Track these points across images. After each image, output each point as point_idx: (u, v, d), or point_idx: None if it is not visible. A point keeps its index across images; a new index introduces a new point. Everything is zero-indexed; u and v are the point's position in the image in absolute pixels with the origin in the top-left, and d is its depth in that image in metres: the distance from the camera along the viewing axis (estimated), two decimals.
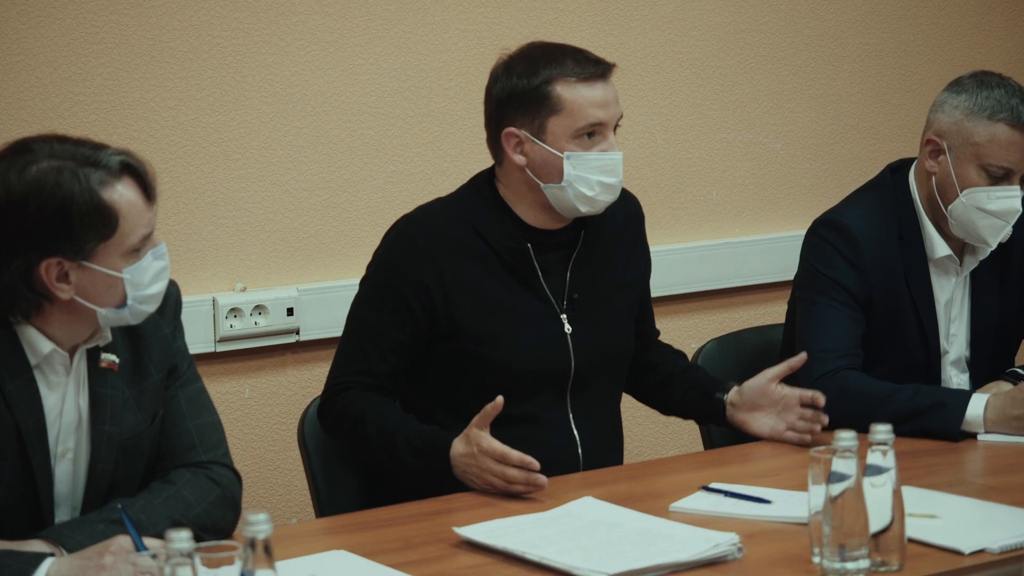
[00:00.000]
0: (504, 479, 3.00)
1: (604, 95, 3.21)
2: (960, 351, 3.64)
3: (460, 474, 3.07)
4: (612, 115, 3.23)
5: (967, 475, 3.22)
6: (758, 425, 3.34)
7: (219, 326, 3.91)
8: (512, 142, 3.23)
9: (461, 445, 3.07)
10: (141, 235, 2.64)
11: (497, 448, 3.00)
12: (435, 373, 3.27)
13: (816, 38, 4.75)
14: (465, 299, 3.22)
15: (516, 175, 3.26)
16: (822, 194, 4.64)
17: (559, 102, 3.19)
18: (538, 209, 3.27)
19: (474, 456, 3.03)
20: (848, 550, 2.49)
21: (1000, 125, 3.45)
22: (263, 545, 2.15)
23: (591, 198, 3.22)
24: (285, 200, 4.02)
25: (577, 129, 3.19)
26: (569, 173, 3.19)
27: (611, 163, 3.22)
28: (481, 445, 3.02)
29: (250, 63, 3.95)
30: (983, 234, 3.51)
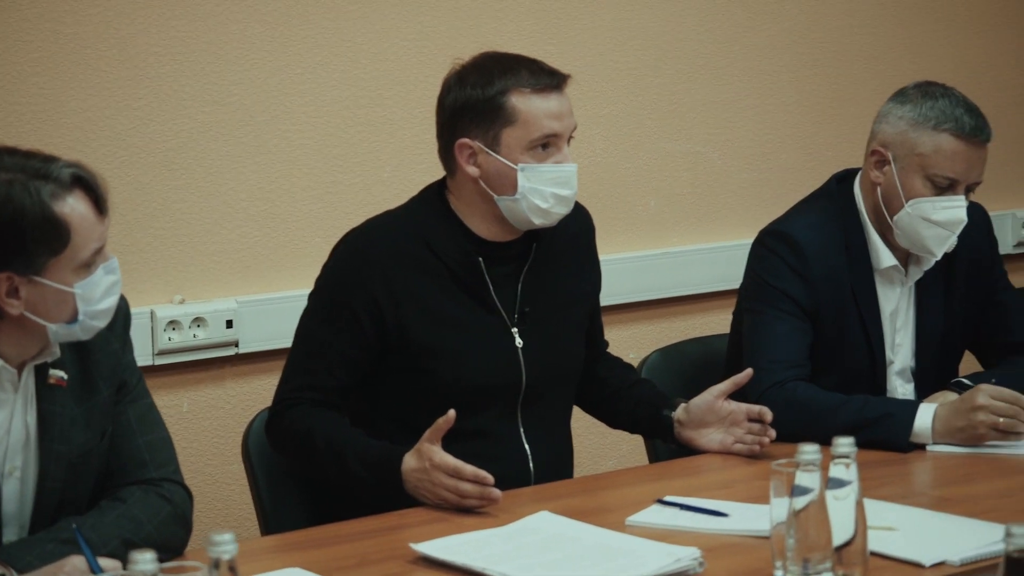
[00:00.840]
0: (458, 493, 2.97)
1: (559, 107, 3.19)
2: (905, 361, 3.65)
3: (412, 489, 3.03)
4: (567, 127, 3.21)
5: (920, 486, 3.23)
6: (706, 441, 3.33)
7: (157, 339, 3.86)
8: (465, 153, 3.20)
9: (413, 460, 3.03)
10: (93, 249, 2.59)
11: (450, 463, 2.97)
12: (385, 388, 3.23)
13: (753, 49, 4.76)
14: (416, 313, 3.19)
15: (469, 187, 3.23)
16: (760, 204, 4.65)
17: (514, 113, 3.17)
18: (491, 221, 3.25)
19: (426, 471, 3.00)
20: (812, 564, 2.48)
21: (945, 135, 3.47)
22: (228, 565, 2.11)
23: (545, 210, 3.19)
24: (224, 211, 3.97)
25: (532, 140, 3.17)
26: (523, 185, 3.17)
27: (565, 175, 3.20)
28: (433, 460, 2.99)
29: (188, 73, 3.89)
30: (928, 244, 3.52)
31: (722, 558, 2.67)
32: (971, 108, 3.51)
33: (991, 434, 3.32)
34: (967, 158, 3.49)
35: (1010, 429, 3.32)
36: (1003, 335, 3.73)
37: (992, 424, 3.31)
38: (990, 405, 3.31)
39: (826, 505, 2.47)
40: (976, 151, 3.49)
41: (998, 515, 2.82)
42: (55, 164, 2.57)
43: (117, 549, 2.59)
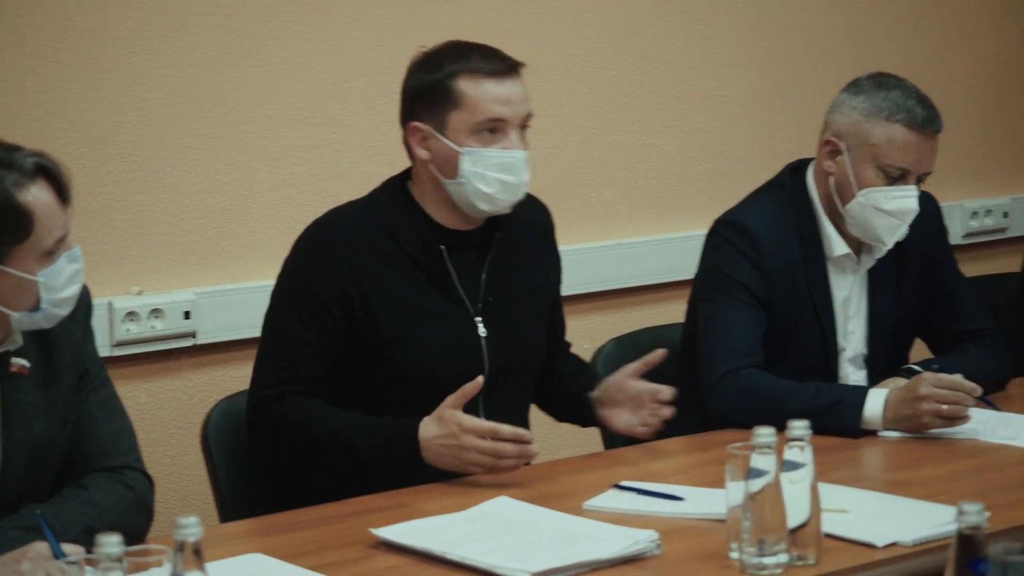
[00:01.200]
0: (496, 455, 3.01)
1: (508, 92, 3.21)
2: (857, 348, 3.69)
3: (433, 457, 3.05)
4: (516, 113, 3.22)
5: (871, 470, 3.28)
6: (616, 421, 3.34)
7: (115, 330, 3.87)
8: (417, 136, 3.23)
9: (434, 427, 3.05)
10: (56, 238, 2.61)
11: (485, 425, 3.02)
12: (351, 377, 3.25)
13: (706, 40, 4.80)
14: (381, 302, 3.21)
15: (423, 171, 3.26)
16: (713, 195, 4.68)
17: (460, 96, 3.19)
18: (446, 208, 3.27)
19: (454, 436, 3.02)
20: (767, 545, 2.53)
21: (897, 126, 3.51)
22: (193, 548, 2.13)
23: (490, 195, 3.21)
24: (181, 202, 3.98)
25: (476, 124, 3.19)
26: (467, 169, 3.19)
27: (511, 161, 3.21)
28: (464, 424, 3.02)
29: (145, 66, 3.90)
30: (880, 233, 3.57)
31: (679, 541, 2.70)
32: (923, 99, 3.56)
33: (936, 422, 3.36)
34: (919, 149, 3.53)
35: (954, 415, 3.36)
36: (953, 323, 3.78)
37: (936, 412, 3.36)
38: (933, 394, 3.35)
39: (781, 488, 2.52)
40: (927, 142, 3.54)
41: (948, 497, 2.86)
42: (18, 153, 2.58)
43: (80, 536, 2.61)
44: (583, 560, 2.57)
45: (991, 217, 5.38)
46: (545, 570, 2.53)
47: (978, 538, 2.07)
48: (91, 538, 2.41)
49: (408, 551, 2.68)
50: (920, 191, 3.58)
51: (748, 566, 2.53)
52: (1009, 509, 2.80)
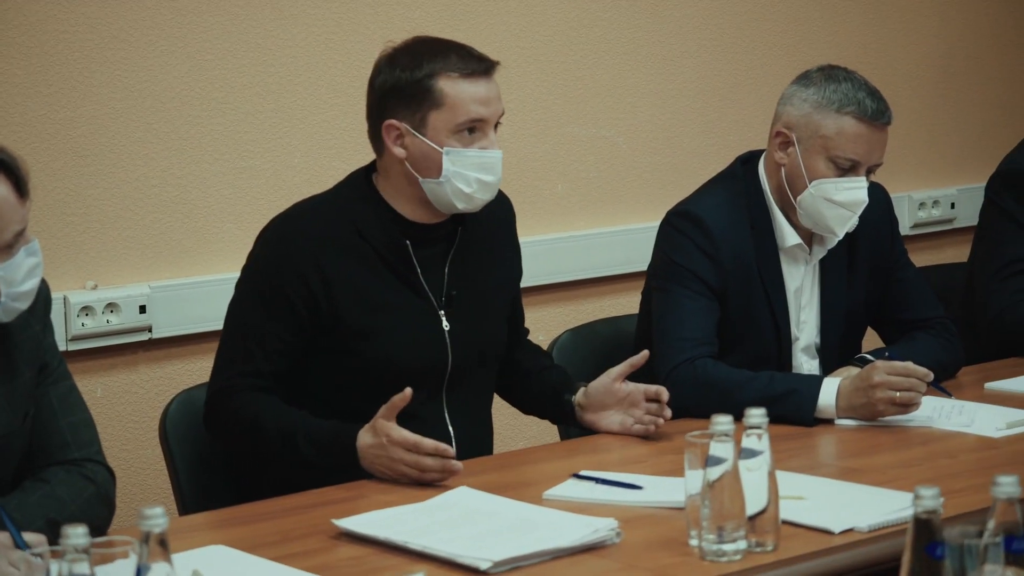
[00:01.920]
0: (418, 468, 3.02)
1: (486, 92, 3.23)
2: (810, 338, 3.73)
3: (368, 465, 3.08)
4: (493, 112, 3.24)
5: (826, 458, 3.31)
6: (607, 423, 3.38)
7: (71, 324, 3.87)
8: (392, 134, 3.24)
9: (368, 436, 3.07)
10: (14, 232, 2.62)
11: (409, 438, 3.02)
12: (314, 370, 3.26)
13: (656, 35, 4.82)
14: (346, 296, 3.22)
15: (396, 168, 3.27)
16: (664, 187, 4.72)
17: (441, 96, 3.20)
18: (416, 204, 3.28)
19: (383, 447, 3.04)
20: (726, 532, 2.56)
21: (847, 118, 3.55)
22: (158, 539, 2.14)
23: (469, 195, 3.23)
24: (135, 197, 3.98)
25: (457, 124, 3.21)
26: (448, 169, 3.21)
27: (490, 161, 3.24)
28: (391, 436, 3.03)
29: (98, 58, 3.90)
30: (830, 224, 3.60)
31: (638, 529, 2.73)
32: (873, 92, 3.59)
33: (890, 409, 3.40)
34: (869, 140, 3.57)
35: (908, 402, 3.40)
36: (903, 312, 3.82)
37: (890, 399, 3.40)
38: (886, 381, 3.39)
39: (739, 475, 2.55)
40: (877, 134, 3.58)
41: (903, 484, 2.90)
42: None
43: (42, 528, 2.61)
44: (544, 548, 2.60)
45: (939, 208, 5.44)
46: (506, 558, 2.55)
47: (934, 522, 2.10)
48: (53, 531, 2.44)
49: (370, 541, 2.69)
50: (870, 182, 3.62)
51: (707, 553, 2.56)
52: (963, 495, 2.83)
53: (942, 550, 2.09)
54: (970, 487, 2.90)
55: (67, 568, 2.08)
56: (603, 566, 2.59)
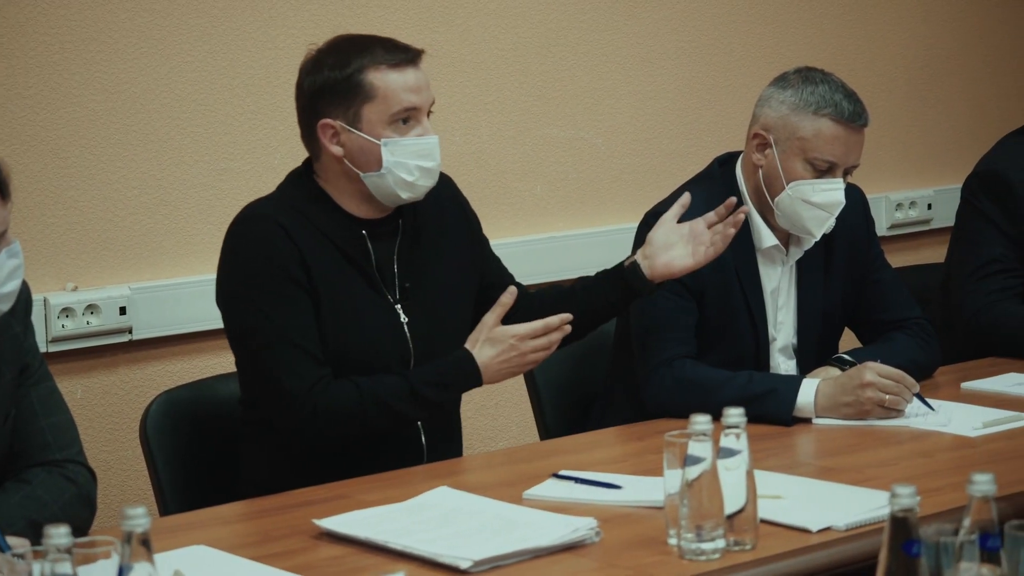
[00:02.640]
0: (550, 346, 3.22)
1: (416, 80, 3.25)
2: (787, 338, 3.74)
3: (492, 376, 3.23)
4: (425, 100, 3.26)
5: (804, 457, 3.33)
6: (680, 261, 3.42)
7: (51, 326, 3.87)
8: (328, 133, 3.25)
9: (489, 348, 3.22)
10: None
11: (537, 325, 3.21)
12: None
13: (634, 36, 4.84)
14: (321, 285, 3.22)
15: (335, 167, 3.28)
16: (643, 188, 4.74)
17: (372, 89, 3.22)
18: (359, 200, 3.29)
19: (514, 347, 3.21)
20: (705, 531, 2.57)
21: (824, 120, 3.57)
22: (140, 539, 2.15)
23: (411, 183, 3.24)
24: (115, 198, 3.99)
25: (392, 115, 3.22)
26: (388, 160, 3.22)
27: (428, 147, 3.25)
28: (520, 333, 3.20)
29: (78, 62, 3.91)
30: (808, 225, 3.62)
31: (618, 528, 2.74)
32: (850, 94, 3.61)
33: (876, 410, 3.43)
34: (846, 142, 3.59)
35: (894, 406, 3.43)
36: (880, 312, 3.84)
37: (878, 401, 3.42)
38: (877, 382, 3.42)
39: (718, 475, 2.56)
40: (854, 135, 3.60)
41: (880, 483, 2.92)
42: None
43: (23, 530, 2.61)
44: (524, 547, 2.61)
45: (915, 209, 5.46)
46: (486, 557, 2.57)
47: (911, 520, 2.11)
48: (35, 532, 2.45)
49: (351, 541, 2.70)
50: (847, 183, 3.64)
51: (686, 552, 2.58)
52: (940, 493, 2.85)
53: (918, 548, 2.10)
54: (947, 486, 2.92)
55: (49, 568, 2.09)
56: (583, 565, 2.61)
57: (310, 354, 3.19)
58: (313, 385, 3.17)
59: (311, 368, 3.18)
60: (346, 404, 3.17)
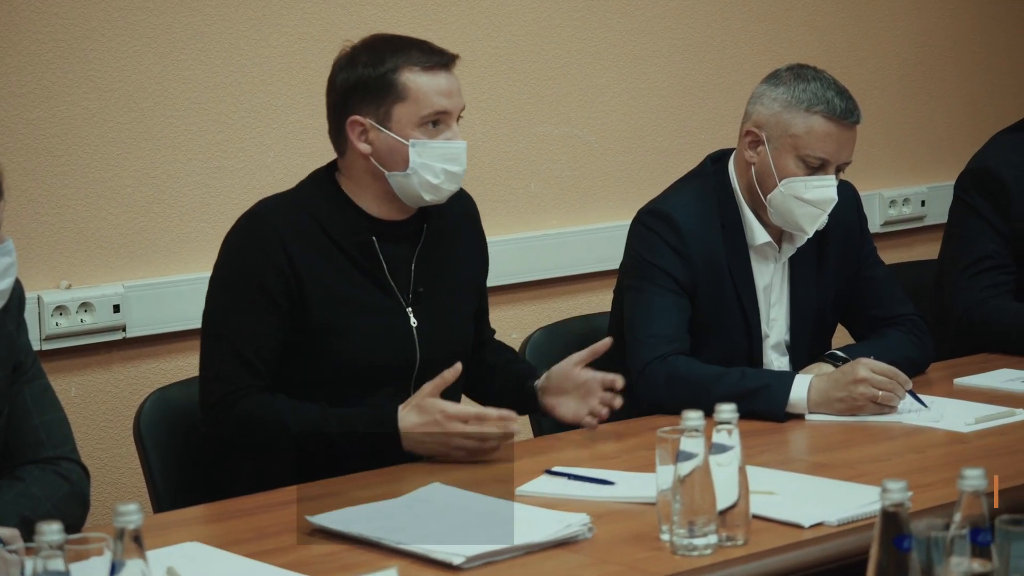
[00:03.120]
0: (481, 439, 3.11)
1: (448, 84, 3.27)
2: (780, 335, 3.75)
3: (413, 445, 3.14)
4: (456, 104, 3.28)
5: (796, 453, 3.33)
6: (563, 409, 3.39)
7: (45, 324, 3.87)
8: (357, 130, 3.26)
9: (414, 416, 3.13)
10: None
11: (471, 410, 3.13)
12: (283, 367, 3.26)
13: (628, 34, 4.85)
14: (315, 292, 3.23)
15: (360, 164, 3.29)
16: (636, 186, 4.74)
17: (405, 90, 3.23)
18: (382, 199, 3.30)
19: (438, 423, 3.11)
20: (697, 527, 2.58)
21: (817, 117, 3.58)
22: (133, 535, 2.15)
23: (436, 186, 3.26)
24: (109, 197, 3.99)
25: (422, 117, 3.23)
26: (415, 161, 3.23)
27: (456, 151, 3.26)
28: (447, 411, 3.11)
29: (72, 60, 3.91)
30: (800, 222, 3.63)
31: (610, 524, 2.75)
32: (842, 91, 3.62)
33: (869, 406, 3.44)
34: (838, 139, 3.60)
35: (886, 403, 3.44)
36: (873, 309, 3.85)
37: (871, 397, 3.43)
38: (871, 378, 3.43)
39: (710, 470, 2.57)
40: (847, 132, 3.61)
41: (872, 478, 2.93)
42: None
43: (16, 526, 2.61)
44: (516, 543, 2.61)
45: (909, 206, 5.47)
46: (479, 553, 2.57)
47: (902, 515, 2.12)
48: (27, 529, 2.45)
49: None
50: (839, 180, 3.65)
51: (679, 547, 2.58)
52: (931, 489, 2.86)
53: (909, 543, 2.11)
54: (938, 481, 2.93)
55: (42, 564, 2.10)
56: (575, 561, 2.61)
57: (246, 362, 3.20)
58: (230, 393, 3.19)
59: (240, 376, 3.20)
60: (249, 418, 3.19)
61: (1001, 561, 2.17)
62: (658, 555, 2.61)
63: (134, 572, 2.13)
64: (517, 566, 2.59)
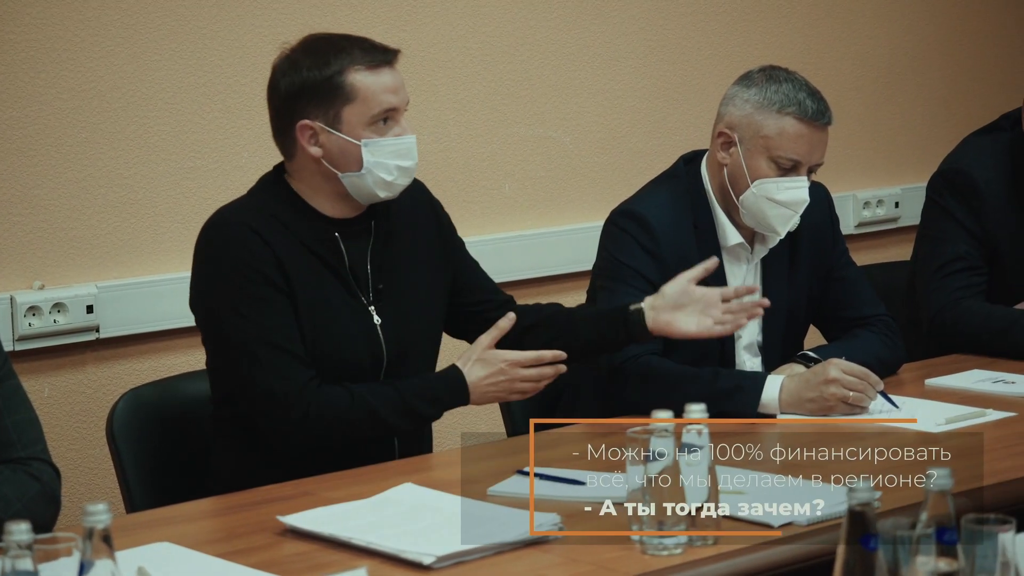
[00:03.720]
0: (539, 379, 3.29)
1: (393, 80, 3.26)
2: (752, 336, 3.76)
3: (480, 396, 3.29)
4: (403, 99, 3.28)
5: (766, 453, 3.32)
6: (683, 324, 3.40)
7: (17, 325, 3.87)
8: (307, 134, 3.25)
9: (479, 369, 3.28)
10: None
11: (530, 355, 3.29)
12: None
13: (601, 36, 4.86)
14: (297, 287, 3.23)
15: (311, 167, 3.28)
16: (609, 187, 4.75)
17: (353, 91, 3.22)
18: (335, 199, 3.30)
19: (503, 371, 3.28)
20: (667, 526, 2.59)
21: (788, 119, 3.59)
22: (102, 535, 2.16)
23: (390, 182, 3.26)
24: (82, 197, 3.99)
25: (373, 116, 3.23)
26: (368, 160, 3.23)
27: (407, 146, 3.27)
28: (510, 359, 3.27)
29: (44, 60, 3.91)
30: (772, 223, 3.64)
31: (581, 523, 2.75)
32: (813, 92, 3.63)
33: (840, 406, 3.45)
34: (810, 140, 3.61)
35: (857, 403, 3.45)
36: (845, 309, 3.86)
37: (842, 397, 3.44)
38: (841, 379, 3.44)
39: (680, 469, 2.58)
40: (818, 134, 3.62)
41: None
42: None
43: None
44: (487, 543, 2.62)
45: (883, 207, 5.49)
46: (450, 553, 2.58)
47: (868, 514, 2.13)
48: None
49: (315, 538, 2.71)
50: (811, 182, 3.66)
51: (649, 547, 2.60)
52: (900, 489, 2.86)
53: (875, 542, 2.12)
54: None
55: (10, 564, 2.10)
56: (546, 560, 2.62)
57: (294, 355, 3.19)
58: (303, 387, 3.17)
59: (297, 370, 3.18)
60: (337, 409, 3.18)
61: (967, 561, 2.18)
62: (628, 555, 2.62)
63: (103, 572, 2.13)
64: (487, 566, 2.60)
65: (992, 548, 2.17)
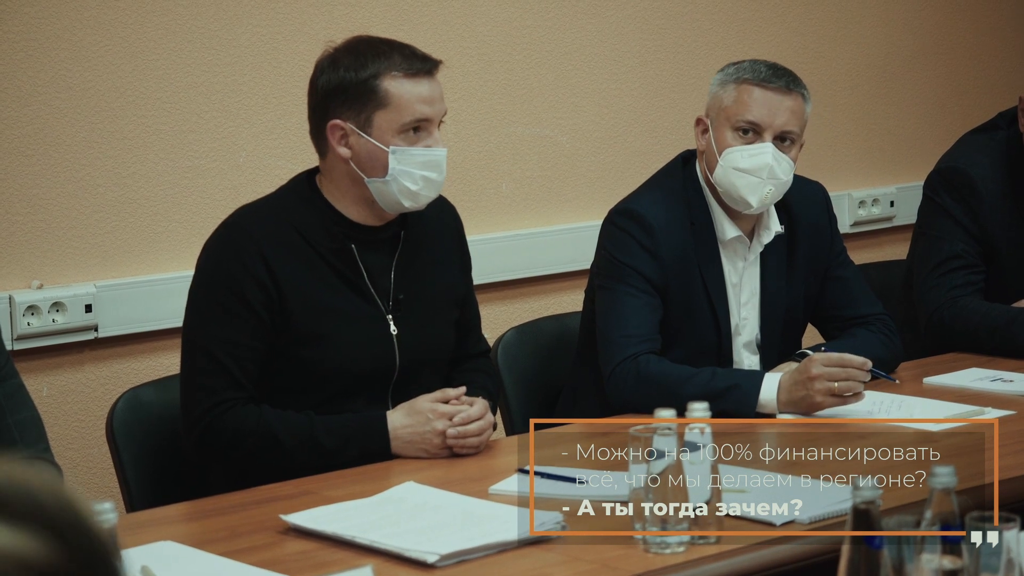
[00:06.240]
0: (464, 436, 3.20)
1: (430, 91, 3.25)
2: (751, 333, 3.77)
3: (403, 446, 3.18)
4: (437, 111, 3.27)
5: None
6: None
7: (16, 324, 3.87)
8: (337, 134, 3.25)
9: (404, 417, 3.18)
10: None
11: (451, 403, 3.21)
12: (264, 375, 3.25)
13: (599, 35, 4.86)
14: (294, 299, 3.22)
15: (340, 168, 3.28)
16: (606, 186, 4.76)
17: (386, 97, 3.22)
18: (360, 204, 3.30)
19: (427, 422, 3.17)
20: (669, 525, 2.59)
21: (744, 85, 3.64)
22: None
23: (415, 192, 3.25)
24: (81, 196, 3.99)
25: (403, 124, 3.23)
26: (394, 167, 3.23)
27: (435, 159, 3.26)
28: (438, 410, 3.19)
29: (43, 59, 3.91)
30: (742, 193, 3.61)
31: (583, 522, 2.74)
32: (774, 64, 3.66)
33: (829, 400, 3.45)
34: (766, 102, 3.61)
35: (847, 391, 3.45)
36: (843, 308, 3.87)
37: (828, 391, 3.44)
38: (823, 373, 3.44)
39: (682, 468, 2.59)
40: (776, 96, 3.61)
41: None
42: None
43: None
44: (490, 542, 2.63)
45: (878, 206, 5.50)
46: (453, 551, 2.58)
47: (873, 512, 2.14)
48: None
49: (318, 536, 2.72)
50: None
51: (651, 545, 2.60)
52: (902, 487, 2.87)
53: (880, 540, 2.13)
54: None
55: None
56: (548, 559, 2.62)
57: (229, 373, 3.19)
58: (217, 404, 3.18)
59: (224, 387, 3.19)
60: (238, 430, 3.18)
61: (971, 558, 2.19)
62: (631, 553, 2.62)
63: None
64: (490, 564, 2.60)
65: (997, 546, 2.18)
